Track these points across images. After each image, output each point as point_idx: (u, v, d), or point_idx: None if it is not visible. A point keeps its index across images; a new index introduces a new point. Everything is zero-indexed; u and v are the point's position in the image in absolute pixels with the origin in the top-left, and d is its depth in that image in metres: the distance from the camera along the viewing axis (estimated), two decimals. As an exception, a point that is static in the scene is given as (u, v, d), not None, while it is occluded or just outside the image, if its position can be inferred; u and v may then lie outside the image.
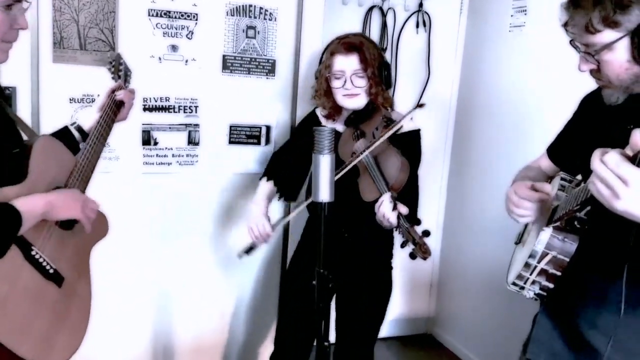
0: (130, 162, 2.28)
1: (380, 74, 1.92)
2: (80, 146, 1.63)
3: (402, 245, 1.77)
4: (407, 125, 1.89)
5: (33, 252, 1.31)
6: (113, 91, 1.70)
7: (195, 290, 2.52)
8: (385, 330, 3.30)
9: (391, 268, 2.09)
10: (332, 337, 2.15)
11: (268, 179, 2.11)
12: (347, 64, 1.89)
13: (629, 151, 0.94)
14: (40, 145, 1.36)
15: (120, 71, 1.80)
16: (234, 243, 2.48)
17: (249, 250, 2.04)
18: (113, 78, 1.78)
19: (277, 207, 2.45)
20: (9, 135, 1.35)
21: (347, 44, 1.91)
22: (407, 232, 1.71)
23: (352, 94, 1.90)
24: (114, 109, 1.66)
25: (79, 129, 1.66)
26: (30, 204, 1.24)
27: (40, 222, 1.31)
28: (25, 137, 1.43)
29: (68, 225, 1.44)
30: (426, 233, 1.72)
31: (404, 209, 1.70)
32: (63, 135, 1.62)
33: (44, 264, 1.34)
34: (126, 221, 2.29)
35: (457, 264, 3.18)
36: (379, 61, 1.92)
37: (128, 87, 1.80)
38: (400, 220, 1.71)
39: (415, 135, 1.95)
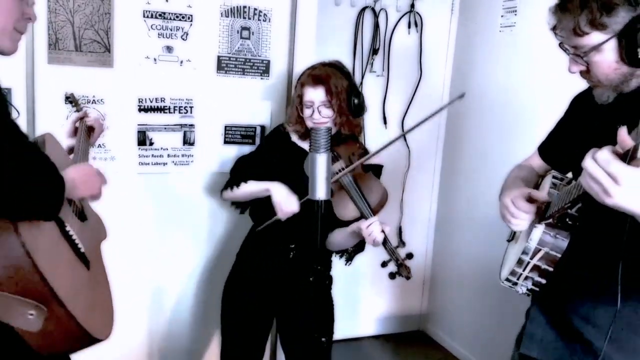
0: (126, 163, 2.29)
1: (348, 104, 1.98)
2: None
3: (383, 265, 1.89)
4: (373, 159, 1.98)
5: (67, 228, 1.33)
6: (80, 119, 1.77)
7: (191, 290, 2.54)
8: (377, 328, 3.34)
9: (331, 287, 2.15)
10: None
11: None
12: (315, 95, 1.96)
13: (619, 149, 0.97)
14: (50, 137, 1.45)
15: (80, 104, 1.98)
16: (230, 243, 2.51)
17: (270, 225, 2.00)
18: (77, 111, 1.89)
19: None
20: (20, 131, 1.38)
21: (314, 76, 1.98)
22: (392, 252, 1.82)
23: (320, 122, 1.97)
24: (87, 135, 1.75)
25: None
26: (66, 176, 1.25)
27: (65, 206, 1.32)
28: None
29: (81, 218, 1.48)
30: (409, 255, 1.86)
31: (387, 229, 1.81)
32: None
33: (76, 241, 1.36)
34: (122, 221, 2.30)
35: (449, 261, 3.22)
36: (347, 91, 1.98)
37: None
38: (387, 240, 1.81)
39: (379, 169, 2.07)
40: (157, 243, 2.42)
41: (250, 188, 2.03)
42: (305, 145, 2.06)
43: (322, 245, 1.84)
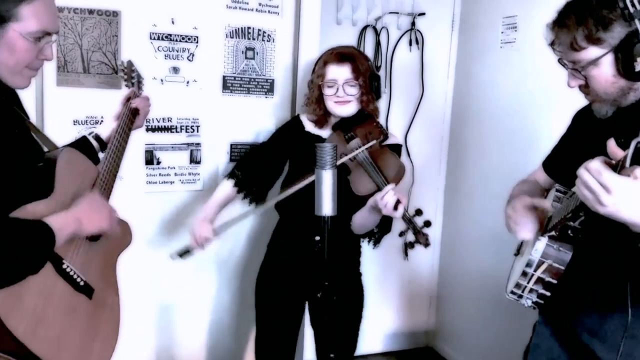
0: (134, 182, 2.32)
1: (370, 84, 2.02)
2: (100, 155, 1.66)
3: (401, 234, 1.89)
4: (390, 139, 2.02)
5: (64, 266, 1.32)
6: (128, 99, 1.73)
7: (200, 309, 2.55)
8: (385, 345, 3.33)
9: (361, 274, 2.17)
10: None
11: (229, 178, 2.13)
12: (340, 73, 1.98)
13: (611, 160, 1.01)
14: (64, 158, 1.37)
15: (133, 78, 1.84)
16: (236, 260, 2.53)
17: (184, 253, 2.08)
18: (127, 85, 1.82)
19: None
20: (31, 149, 1.38)
21: (339, 54, 2.01)
22: (409, 220, 1.83)
23: (344, 101, 1.98)
24: (130, 117, 1.69)
25: (97, 138, 1.68)
26: (62, 222, 1.25)
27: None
28: (45, 149, 1.45)
29: (95, 237, 1.45)
30: (427, 223, 1.85)
31: (404, 199, 1.79)
32: (81, 145, 1.64)
33: (75, 276, 1.35)
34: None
35: (456, 276, 3.22)
36: (369, 72, 2.02)
37: (142, 94, 1.83)
38: (403, 208, 1.80)
39: (397, 148, 2.07)
40: (165, 262, 2.43)
41: (216, 191, 2.14)
42: (320, 132, 2.08)
43: (331, 258, 1.86)
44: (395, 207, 1.77)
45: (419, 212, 1.88)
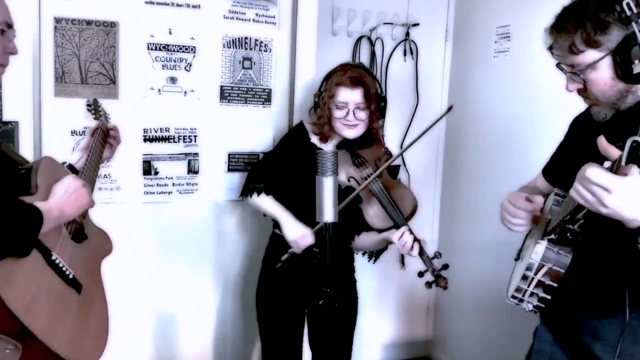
0: (132, 192, 2.31)
1: (378, 107, 2.01)
2: None
3: (420, 275, 1.91)
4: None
5: (53, 257, 1.35)
6: (95, 130, 1.75)
7: (198, 318, 2.54)
8: (383, 355, 3.32)
9: (356, 280, 2.20)
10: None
11: (259, 193, 2.07)
12: (352, 96, 1.97)
13: (607, 163, 1.04)
14: (45, 163, 1.43)
15: (100, 112, 1.89)
16: (234, 270, 2.52)
17: (288, 260, 1.98)
18: (95, 119, 1.85)
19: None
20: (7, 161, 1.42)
21: (352, 78, 1.98)
22: (429, 261, 1.86)
23: (353, 125, 1.98)
24: (100, 148, 1.73)
25: (71, 168, 1.69)
26: (47, 207, 1.30)
27: (54, 233, 1.36)
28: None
29: (79, 238, 1.50)
30: (445, 266, 1.89)
31: (421, 240, 1.84)
32: None
33: (64, 268, 1.38)
34: (128, 251, 2.31)
35: (453, 285, 3.20)
36: (377, 94, 2.02)
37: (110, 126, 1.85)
38: (423, 251, 1.84)
39: (396, 170, 2.14)
40: (163, 272, 2.43)
41: (266, 206, 2.04)
42: (324, 147, 2.08)
43: (332, 265, 1.88)
44: (412, 247, 1.80)
45: (437, 254, 1.91)
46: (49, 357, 1.26)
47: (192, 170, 2.40)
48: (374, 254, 2.15)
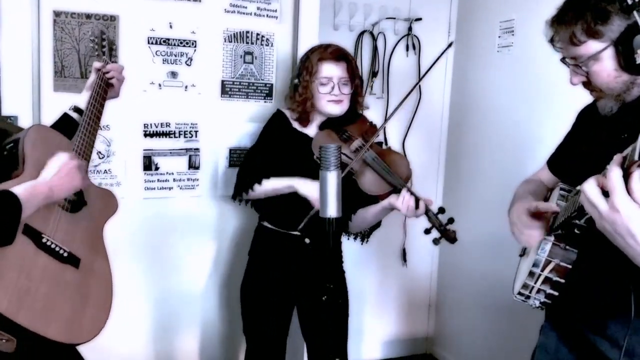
0: (132, 188, 2.30)
1: (360, 83, 2.07)
2: None
3: (426, 232, 1.89)
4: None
5: (44, 240, 1.34)
6: (99, 69, 1.70)
7: (200, 313, 2.53)
8: (384, 352, 3.31)
9: (344, 271, 2.18)
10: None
11: (267, 178, 2.02)
12: (335, 71, 1.99)
13: (618, 157, 1.01)
14: (31, 134, 1.39)
15: (104, 47, 1.83)
16: (237, 265, 2.50)
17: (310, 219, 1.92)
18: (97, 55, 1.81)
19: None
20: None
21: (336, 52, 2.01)
22: (434, 218, 1.85)
23: (339, 100, 1.98)
24: (103, 86, 1.69)
25: (77, 110, 1.67)
26: (30, 190, 1.26)
27: (47, 209, 1.34)
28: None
29: (76, 207, 1.47)
30: (451, 220, 1.87)
31: (424, 196, 1.83)
32: (63, 122, 1.65)
33: (57, 249, 1.37)
34: (129, 246, 2.30)
35: (455, 282, 3.20)
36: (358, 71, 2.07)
37: (114, 61, 1.81)
38: (428, 208, 1.84)
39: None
40: (164, 267, 2.42)
41: (273, 185, 2.00)
42: (306, 130, 2.07)
43: (334, 259, 1.85)
44: (416, 206, 1.77)
45: (441, 210, 1.89)
46: (47, 341, 1.27)
47: (193, 166, 2.38)
48: (366, 234, 2.14)
